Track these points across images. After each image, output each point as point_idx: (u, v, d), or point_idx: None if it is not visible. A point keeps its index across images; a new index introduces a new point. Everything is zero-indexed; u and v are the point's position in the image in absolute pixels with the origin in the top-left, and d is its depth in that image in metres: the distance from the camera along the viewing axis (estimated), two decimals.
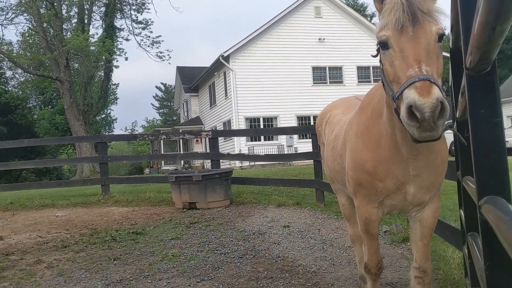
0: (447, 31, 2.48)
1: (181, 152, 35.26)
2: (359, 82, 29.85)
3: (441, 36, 1.97)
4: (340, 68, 29.85)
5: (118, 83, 43.44)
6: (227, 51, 27.64)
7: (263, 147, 27.23)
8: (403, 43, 1.95)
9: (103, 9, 34.26)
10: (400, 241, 5.50)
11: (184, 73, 40.50)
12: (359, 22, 30.54)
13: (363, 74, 30.31)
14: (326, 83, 29.54)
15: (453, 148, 4.14)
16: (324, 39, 29.23)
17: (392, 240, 5.60)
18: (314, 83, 29.24)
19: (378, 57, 2.20)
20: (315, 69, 29.35)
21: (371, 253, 2.94)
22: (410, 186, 2.54)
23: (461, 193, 2.85)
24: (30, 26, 33.01)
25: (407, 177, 2.50)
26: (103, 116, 43.44)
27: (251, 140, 27.66)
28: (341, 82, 29.79)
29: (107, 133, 41.79)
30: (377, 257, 2.96)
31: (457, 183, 3.42)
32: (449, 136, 3.00)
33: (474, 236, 2.38)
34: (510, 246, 0.80)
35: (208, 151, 12.47)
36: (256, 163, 24.68)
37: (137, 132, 60.03)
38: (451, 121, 3.37)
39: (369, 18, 45.84)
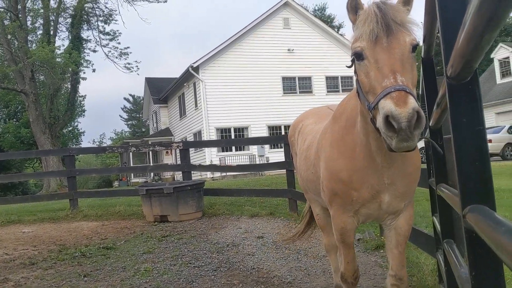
0: (421, 41, 2.52)
1: (151, 164, 34.81)
2: (328, 91, 30.23)
3: (415, 47, 1.99)
4: (309, 78, 30.17)
5: (86, 95, 42.57)
6: (196, 61, 27.57)
7: (234, 157, 27.17)
8: (378, 54, 1.96)
9: (69, 20, 33.61)
10: (373, 248, 5.54)
11: (153, 84, 40.13)
12: (326, 33, 31.00)
13: (331, 84, 30.72)
14: (296, 93, 29.79)
15: (420, 154, 4.20)
16: (293, 49, 29.52)
17: (365, 248, 5.64)
18: (284, 93, 29.44)
19: (352, 68, 2.20)
20: (285, 79, 29.56)
21: (347, 262, 2.94)
22: (385, 195, 2.54)
23: (436, 200, 2.88)
24: None
25: (382, 186, 2.50)
26: (70, 128, 42.55)
27: (223, 151, 27.57)
28: (311, 92, 30.10)
29: (74, 146, 40.93)
30: (353, 266, 2.96)
31: (429, 189, 3.47)
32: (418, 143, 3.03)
33: (451, 243, 2.40)
34: (501, 250, 0.81)
35: (178, 162, 12.36)
36: (228, 173, 24.57)
37: (105, 145, 58.99)
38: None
39: (336, 29, 46.69)
